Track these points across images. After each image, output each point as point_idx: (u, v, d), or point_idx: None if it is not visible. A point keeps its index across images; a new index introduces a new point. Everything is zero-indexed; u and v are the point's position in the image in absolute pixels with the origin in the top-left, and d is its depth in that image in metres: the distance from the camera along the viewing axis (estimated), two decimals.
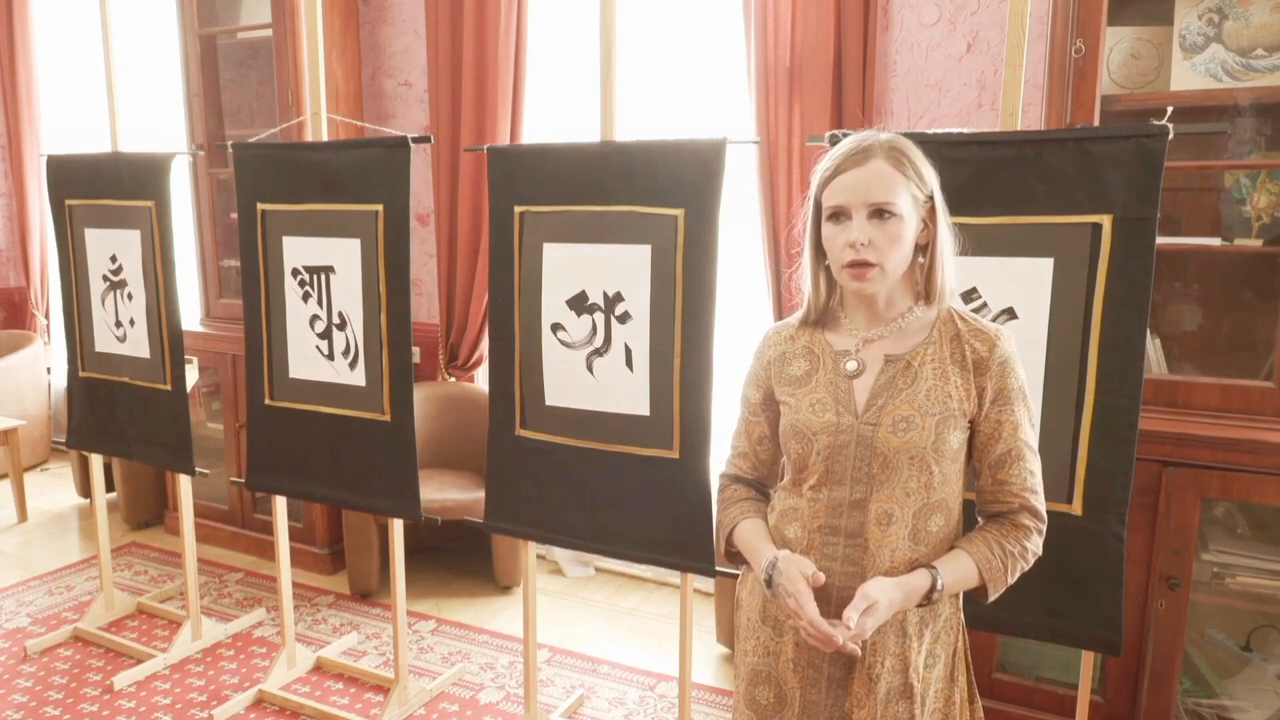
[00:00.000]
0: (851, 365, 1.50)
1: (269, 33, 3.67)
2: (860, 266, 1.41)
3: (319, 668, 3.10)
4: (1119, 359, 1.87)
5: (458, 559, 3.90)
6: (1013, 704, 2.52)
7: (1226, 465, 2.21)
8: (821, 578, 1.43)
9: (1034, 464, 1.50)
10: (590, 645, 3.27)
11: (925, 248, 1.47)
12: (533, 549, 2.60)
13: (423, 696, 2.90)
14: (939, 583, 1.44)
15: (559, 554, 3.89)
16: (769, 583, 1.49)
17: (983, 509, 1.55)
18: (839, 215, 1.43)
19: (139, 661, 3.10)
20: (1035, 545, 1.50)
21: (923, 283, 1.49)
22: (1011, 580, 1.49)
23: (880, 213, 1.40)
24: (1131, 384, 1.86)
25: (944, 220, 1.48)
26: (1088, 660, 2.09)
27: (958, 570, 1.46)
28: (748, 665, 1.62)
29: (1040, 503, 1.51)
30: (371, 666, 3.11)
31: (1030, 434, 1.50)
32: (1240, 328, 2.46)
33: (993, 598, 1.49)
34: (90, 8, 4.37)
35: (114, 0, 3.05)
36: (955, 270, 1.51)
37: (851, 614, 1.37)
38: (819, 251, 1.50)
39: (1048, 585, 1.97)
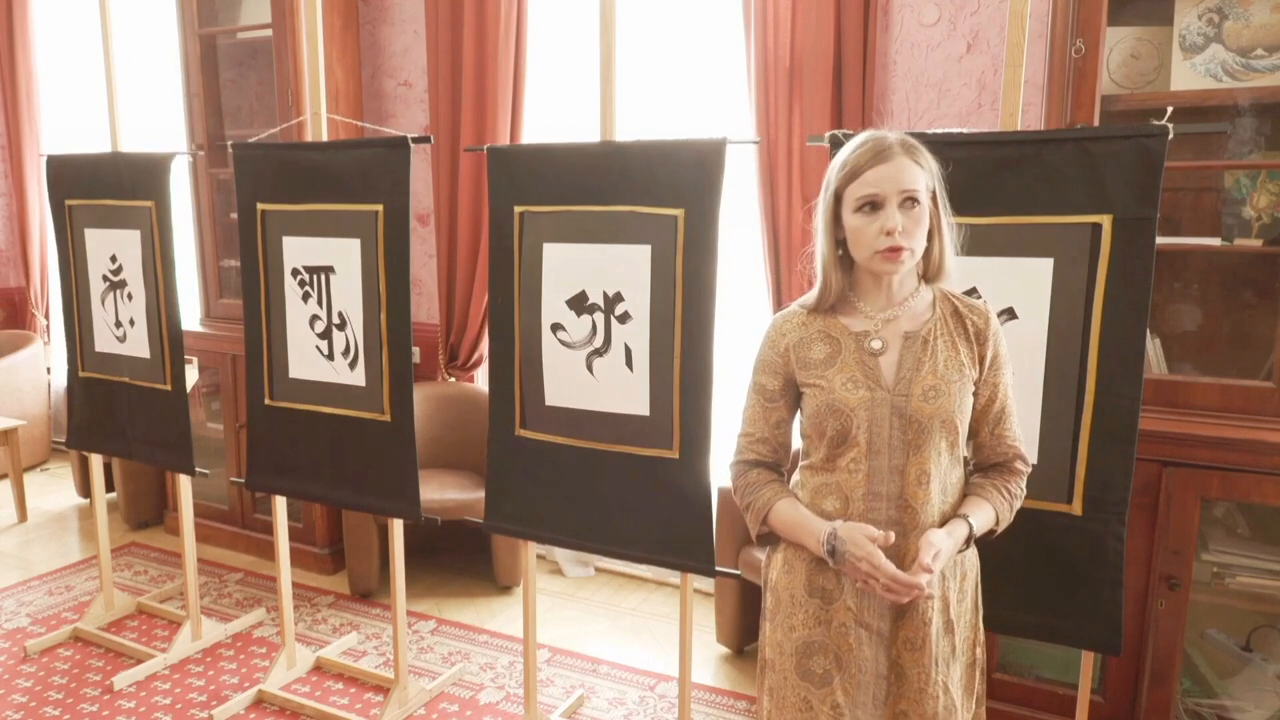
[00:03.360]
0: (876, 344, 1.63)
1: (269, 33, 3.66)
2: (895, 251, 1.55)
3: (319, 668, 3.10)
4: (1119, 359, 1.87)
5: (458, 559, 3.90)
6: (1013, 704, 2.52)
7: (1226, 465, 2.21)
8: (891, 537, 1.55)
9: (1018, 416, 1.73)
10: (590, 645, 3.27)
11: (930, 233, 1.62)
12: (533, 549, 2.60)
13: (423, 697, 2.90)
14: (974, 530, 1.64)
15: (559, 554, 3.89)
16: (832, 552, 1.58)
17: (980, 461, 1.73)
18: (870, 205, 1.56)
19: (139, 661, 3.10)
20: (1025, 486, 1.73)
21: (934, 264, 1.64)
22: (1010, 519, 1.71)
23: (910, 200, 1.55)
24: (1131, 384, 1.87)
25: (945, 207, 1.63)
26: (1088, 660, 2.09)
27: (984, 518, 1.66)
28: (796, 639, 1.67)
29: (1025, 449, 1.73)
30: (371, 666, 3.11)
31: (1014, 392, 1.72)
32: (1240, 328, 2.46)
33: (998, 533, 1.71)
34: (90, 8, 4.37)
35: (114, 0, 3.05)
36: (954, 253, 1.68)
37: (926, 559, 1.54)
38: (835, 242, 1.64)
39: (1048, 585, 1.98)
